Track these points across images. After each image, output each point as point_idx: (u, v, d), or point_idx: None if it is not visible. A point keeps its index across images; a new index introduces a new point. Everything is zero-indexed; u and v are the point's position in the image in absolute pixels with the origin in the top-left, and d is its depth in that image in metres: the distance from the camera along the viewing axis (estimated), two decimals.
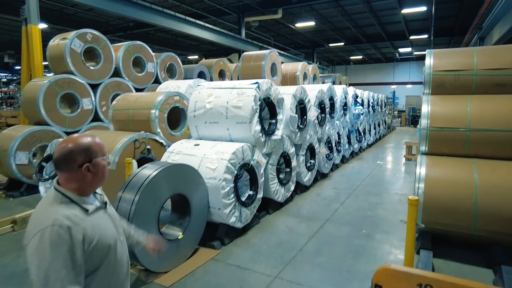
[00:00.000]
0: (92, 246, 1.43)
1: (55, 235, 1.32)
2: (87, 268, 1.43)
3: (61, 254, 1.31)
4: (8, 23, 19.38)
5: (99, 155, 1.52)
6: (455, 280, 1.50)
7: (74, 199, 1.46)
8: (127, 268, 1.69)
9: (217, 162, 4.28)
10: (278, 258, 3.98)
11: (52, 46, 7.68)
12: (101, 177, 1.56)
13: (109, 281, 1.55)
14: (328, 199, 6.39)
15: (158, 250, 2.12)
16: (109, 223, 1.59)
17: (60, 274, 1.30)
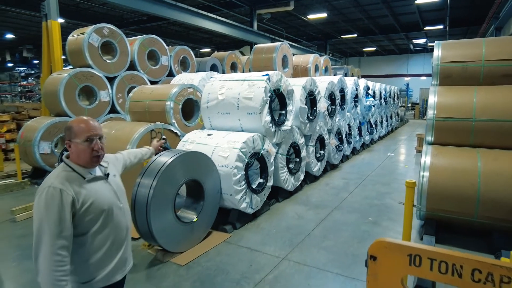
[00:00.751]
0: (86, 207, 1.69)
1: (49, 195, 1.61)
2: (84, 226, 1.70)
3: (51, 211, 1.59)
4: (27, 18, 19.94)
5: (76, 137, 1.74)
6: (440, 250, 1.67)
7: (75, 168, 1.75)
8: (126, 234, 1.92)
9: (229, 150, 4.49)
10: (287, 242, 4.19)
11: (71, 41, 8.00)
12: (82, 156, 1.76)
13: (105, 241, 1.79)
14: (337, 189, 6.56)
15: (161, 146, 2.79)
16: (107, 191, 1.83)
17: (50, 227, 1.57)
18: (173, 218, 3.74)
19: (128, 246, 1.96)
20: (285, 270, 3.51)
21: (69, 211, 1.62)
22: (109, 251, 1.81)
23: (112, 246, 1.82)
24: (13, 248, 4.11)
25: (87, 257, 1.74)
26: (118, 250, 1.86)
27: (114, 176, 1.97)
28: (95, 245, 1.75)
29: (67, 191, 1.64)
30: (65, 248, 1.61)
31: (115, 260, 1.84)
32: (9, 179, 7.27)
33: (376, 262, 1.84)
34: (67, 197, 1.63)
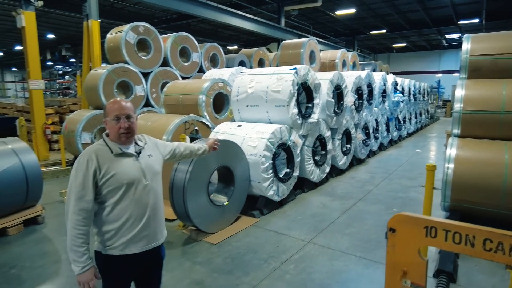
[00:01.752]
0: (107, 178, 1.84)
1: (79, 163, 1.84)
2: (104, 195, 1.87)
3: (78, 176, 1.82)
4: (66, 19, 21.10)
5: (108, 115, 1.94)
6: (454, 222, 1.84)
7: (108, 143, 1.94)
8: (148, 211, 1.96)
9: (257, 140, 4.75)
10: (312, 227, 4.40)
11: (109, 38, 8.52)
12: (111, 132, 1.93)
13: (123, 213, 1.90)
14: (362, 182, 6.66)
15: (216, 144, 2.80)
16: (132, 168, 1.93)
17: (75, 190, 1.80)
18: (207, 201, 4.05)
19: (149, 224, 1.98)
20: (310, 252, 3.73)
21: (91, 179, 1.81)
22: (126, 223, 1.90)
23: (129, 219, 1.91)
24: (64, 224, 4.56)
25: (105, 224, 1.90)
26: (136, 225, 1.92)
27: (149, 156, 2.06)
28: (113, 214, 1.89)
29: (92, 162, 1.83)
30: (85, 210, 1.79)
31: (131, 233, 1.91)
32: (54, 166, 7.90)
33: (395, 234, 2.03)
34: (91, 167, 1.82)
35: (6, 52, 32.97)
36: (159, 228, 2.07)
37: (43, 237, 4.19)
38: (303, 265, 3.43)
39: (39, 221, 4.54)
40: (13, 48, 30.49)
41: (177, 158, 2.45)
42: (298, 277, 3.22)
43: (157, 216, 2.04)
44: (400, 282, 2.05)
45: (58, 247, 3.90)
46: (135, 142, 2.04)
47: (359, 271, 3.33)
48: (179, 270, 3.36)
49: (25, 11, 7.83)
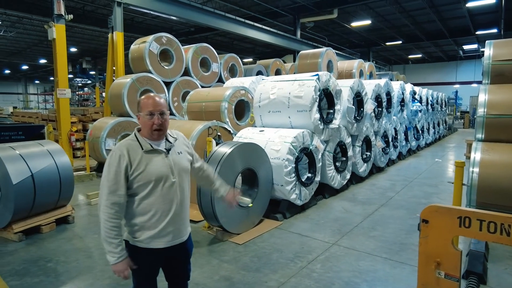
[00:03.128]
0: (137, 174, 1.88)
1: (112, 158, 1.88)
2: (134, 189, 1.90)
3: (111, 171, 1.86)
4: (88, 33, 21.97)
5: (141, 110, 1.96)
6: (488, 212, 1.87)
7: (139, 138, 1.96)
8: (174, 208, 1.98)
9: (280, 144, 4.84)
10: (335, 230, 4.43)
11: (133, 49, 8.86)
12: (144, 128, 1.96)
13: (150, 208, 1.93)
14: (383, 189, 6.64)
15: (233, 203, 2.42)
16: (161, 165, 1.94)
17: (108, 184, 1.85)
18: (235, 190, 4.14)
19: (174, 220, 2.00)
20: (336, 253, 3.76)
21: (123, 174, 1.85)
22: (152, 218, 1.94)
23: (155, 214, 1.94)
24: (93, 224, 4.74)
25: (133, 216, 1.95)
26: (162, 220, 1.96)
27: (179, 153, 2.06)
28: (141, 208, 1.93)
29: (124, 157, 1.87)
30: (118, 204, 1.84)
31: (157, 228, 1.95)
32: (78, 172, 8.16)
33: (428, 225, 2.07)
34: (123, 162, 1.86)
35: (31, 65, 34.35)
36: (183, 225, 2.09)
37: (74, 235, 4.35)
38: (330, 265, 3.47)
39: (69, 220, 4.71)
40: (37, 61, 31.78)
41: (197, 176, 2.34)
42: (326, 275, 3.25)
43: (183, 213, 2.06)
44: (433, 273, 2.09)
45: (90, 244, 4.04)
46: (166, 138, 2.05)
47: (387, 271, 3.34)
48: (208, 267, 3.44)
49: (56, 24, 8.24)
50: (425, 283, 2.12)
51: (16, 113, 15.79)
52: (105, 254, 1.89)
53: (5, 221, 4.00)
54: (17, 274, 3.30)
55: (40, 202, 4.19)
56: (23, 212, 4.07)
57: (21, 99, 42.72)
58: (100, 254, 3.75)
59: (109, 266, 1.89)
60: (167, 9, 10.98)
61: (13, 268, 3.41)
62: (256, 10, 17.66)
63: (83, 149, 10.31)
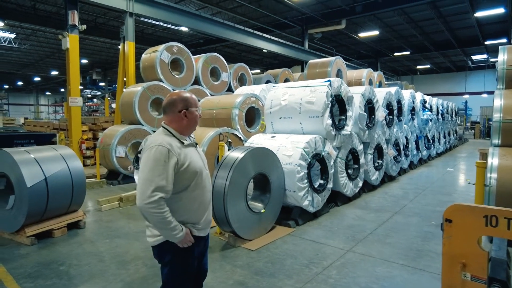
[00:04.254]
0: (184, 167, 1.91)
1: (158, 152, 1.85)
2: (182, 183, 1.93)
3: (159, 165, 1.83)
4: (99, 44, 22.39)
5: (193, 106, 2.04)
6: None
7: (175, 134, 1.99)
8: (211, 197, 2.15)
9: (292, 150, 4.81)
10: (350, 237, 4.34)
11: (145, 58, 8.98)
12: (194, 122, 2.04)
13: (195, 201, 2.02)
14: (396, 197, 6.53)
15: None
16: (198, 157, 2.05)
17: (155, 178, 1.82)
18: (245, 207, 4.10)
19: (211, 210, 2.17)
20: (351, 259, 3.67)
21: (172, 169, 1.86)
22: (198, 210, 2.03)
23: (200, 206, 2.04)
24: (104, 229, 4.71)
25: (179, 214, 1.94)
26: (205, 211, 2.07)
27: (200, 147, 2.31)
28: (188, 202, 1.98)
29: (173, 152, 1.88)
30: (165, 199, 1.85)
31: (203, 218, 2.06)
32: (87, 180, 8.18)
33: (452, 224, 2.00)
34: (173, 158, 1.87)
35: (43, 76, 35.07)
36: (212, 212, 2.25)
37: (85, 239, 4.32)
38: (346, 271, 3.38)
39: (80, 225, 4.70)
40: (49, 73, 32.44)
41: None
42: (342, 281, 3.17)
43: (211, 203, 2.21)
44: (459, 275, 2.01)
45: (101, 248, 4.00)
46: None
47: (405, 277, 3.24)
48: (221, 271, 3.38)
49: (70, 34, 8.42)
50: (450, 285, 2.04)
51: (28, 123, 16.07)
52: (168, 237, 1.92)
53: (18, 224, 4.00)
54: (30, 277, 3.27)
55: (52, 206, 4.19)
56: (36, 215, 4.07)
57: (32, 110, 43.52)
58: (112, 258, 3.72)
59: (122, 270, 1.86)
60: (178, 20, 11.19)
61: (26, 271, 3.39)
62: (265, 22, 17.87)
63: (93, 158, 10.40)
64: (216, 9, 16.02)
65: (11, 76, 34.72)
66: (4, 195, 4.20)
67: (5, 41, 20.03)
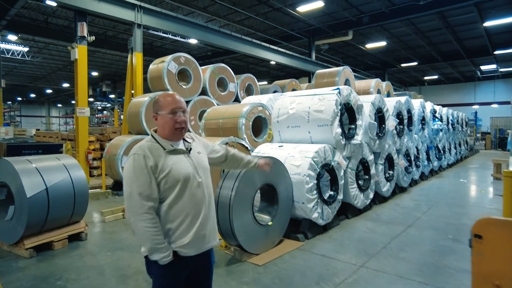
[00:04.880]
0: (163, 175, 1.75)
1: (136, 161, 1.75)
2: (161, 194, 1.78)
3: (139, 174, 1.73)
4: (109, 57, 22.74)
5: (162, 109, 1.84)
6: None
7: (158, 139, 1.85)
8: (204, 209, 1.88)
9: (300, 159, 4.64)
10: (362, 252, 4.12)
11: (152, 69, 8.98)
12: (168, 127, 1.84)
13: (180, 212, 1.80)
14: (408, 209, 6.29)
15: (269, 164, 2.47)
16: (186, 164, 1.84)
17: (139, 189, 1.71)
18: (252, 219, 3.92)
19: (205, 223, 1.89)
20: (364, 275, 3.46)
21: (152, 176, 1.74)
22: (183, 223, 1.81)
23: (186, 218, 1.82)
24: (106, 241, 4.57)
25: (162, 225, 1.79)
26: (193, 224, 1.84)
27: (199, 153, 1.98)
28: (170, 215, 1.79)
29: (149, 158, 1.75)
30: (154, 208, 1.74)
31: (189, 233, 1.82)
32: (93, 190, 8.09)
33: (482, 241, 1.81)
34: (149, 163, 1.74)
35: (54, 89, 35.67)
36: (213, 228, 1.98)
37: (86, 252, 4.18)
38: None
39: (82, 237, 4.56)
40: (60, 85, 32.98)
41: (223, 164, 2.31)
42: None
43: (211, 215, 1.96)
44: None
45: (102, 262, 3.85)
46: (184, 139, 1.96)
47: None
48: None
49: (79, 45, 8.47)
50: None
51: (38, 134, 16.21)
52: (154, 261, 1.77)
53: (17, 236, 3.88)
54: None
55: (53, 217, 4.06)
56: (35, 227, 3.94)
57: (43, 121, 44.20)
58: (112, 272, 3.56)
59: (122, 285, 1.71)
60: (186, 31, 11.25)
61: (21, 285, 3.25)
62: (272, 34, 17.95)
63: (100, 168, 10.34)
64: (224, 22, 16.15)
65: (24, 88, 35.41)
66: (5, 205, 4.09)
67: (18, 54, 20.45)
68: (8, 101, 37.74)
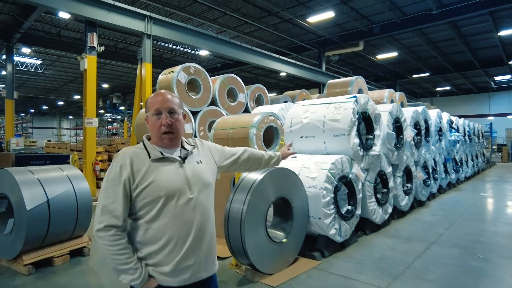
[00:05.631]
0: (142, 188, 1.48)
1: (113, 169, 1.51)
2: (138, 209, 1.51)
3: (109, 186, 1.49)
4: (119, 69, 22.94)
5: (150, 109, 1.60)
6: None
7: (147, 146, 1.59)
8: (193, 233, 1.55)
9: (316, 171, 4.36)
10: (384, 272, 3.78)
11: (161, 79, 8.85)
12: (152, 131, 1.60)
13: (161, 235, 1.50)
14: (429, 224, 5.92)
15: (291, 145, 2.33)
16: (174, 176, 1.54)
17: (104, 200, 1.48)
18: (265, 236, 3.64)
19: (195, 250, 1.55)
20: None
21: (122, 189, 1.48)
22: (165, 248, 1.51)
23: (168, 242, 1.50)
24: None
25: (140, 246, 1.53)
26: (178, 251, 1.52)
27: (199, 163, 1.66)
28: (149, 236, 1.51)
29: (125, 168, 1.49)
30: (114, 227, 1.47)
31: (172, 261, 1.51)
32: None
33: None
34: (124, 175, 1.48)
35: (66, 101, 36.17)
36: (208, 256, 1.62)
37: (88, 269, 3.93)
38: None
39: (84, 252, 4.31)
40: (71, 97, 33.43)
41: (241, 168, 1.99)
42: None
43: (205, 240, 1.59)
44: None
45: (104, 281, 3.60)
46: (182, 146, 1.66)
47: None
48: None
49: (88, 55, 8.43)
50: None
51: (48, 145, 16.26)
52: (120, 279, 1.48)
53: (16, 251, 3.65)
54: None
55: (54, 231, 3.84)
56: (35, 242, 3.72)
57: (55, 133, 44.77)
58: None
59: None
60: (196, 42, 11.21)
61: None
62: (281, 45, 17.88)
63: None
64: (234, 33, 16.15)
65: (37, 100, 35.98)
66: (4, 218, 3.89)
67: (32, 67, 20.78)
68: (21, 113, 38.42)
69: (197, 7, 13.45)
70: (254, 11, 13.91)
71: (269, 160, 2.14)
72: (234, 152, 1.94)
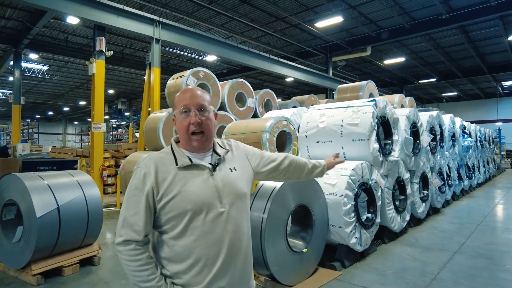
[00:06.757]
0: (167, 200, 1.33)
1: (136, 177, 1.37)
2: (163, 222, 1.36)
3: (133, 195, 1.35)
4: (125, 75, 22.94)
5: (177, 107, 1.43)
6: None
7: (174, 149, 1.43)
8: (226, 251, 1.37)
9: (336, 178, 4.19)
10: (410, 284, 3.58)
11: (170, 84, 8.75)
12: (180, 133, 1.43)
13: (188, 254, 1.34)
14: (449, 233, 5.70)
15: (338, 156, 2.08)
16: (203, 187, 1.37)
17: (125, 212, 1.35)
18: (285, 246, 3.46)
19: (227, 270, 1.37)
20: None
21: (145, 200, 1.33)
22: (192, 269, 1.34)
23: (197, 263, 1.34)
24: (121, 266, 4.12)
25: (164, 263, 1.38)
26: (207, 272, 1.34)
27: (232, 170, 1.47)
28: (175, 254, 1.35)
29: (150, 177, 1.34)
30: (136, 242, 1.32)
31: (201, 284, 1.34)
32: (107, 209, 7.76)
33: None
34: (147, 184, 1.33)
35: (71, 106, 36.31)
36: (243, 277, 1.44)
37: (99, 279, 3.76)
38: None
39: (94, 261, 4.15)
40: (77, 103, 33.55)
41: (280, 176, 1.75)
42: None
43: (239, 259, 1.41)
44: None
45: None
46: (214, 150, 1.47)
47: None
48: None
49: (97, 60, 8.35)
50: None
51: (54, 150, 16.20)
52: None
53: (25, 260, 3.50)
54: None
55: (64, 239, 3.69)
56: (45, 250, 3.57)
57: (60, 138, 44.91)
58: None
59: None
60: (205, 47, 11.16)
61: None
62: (288, 50, 17.81)
63: (114, 185, 10.06)
64: (241, 39, 16.10)
65: (43, 106, 36.15)
66: (13, 226, 3.75)
67: (39, 73, 20.85)
68: (27, 119, 38.59)
69: (204, 13, 13.43)
70: (261, 16, 13.86)
71: (312, 169, 1.87)
72: (274, 158, 1.71)
